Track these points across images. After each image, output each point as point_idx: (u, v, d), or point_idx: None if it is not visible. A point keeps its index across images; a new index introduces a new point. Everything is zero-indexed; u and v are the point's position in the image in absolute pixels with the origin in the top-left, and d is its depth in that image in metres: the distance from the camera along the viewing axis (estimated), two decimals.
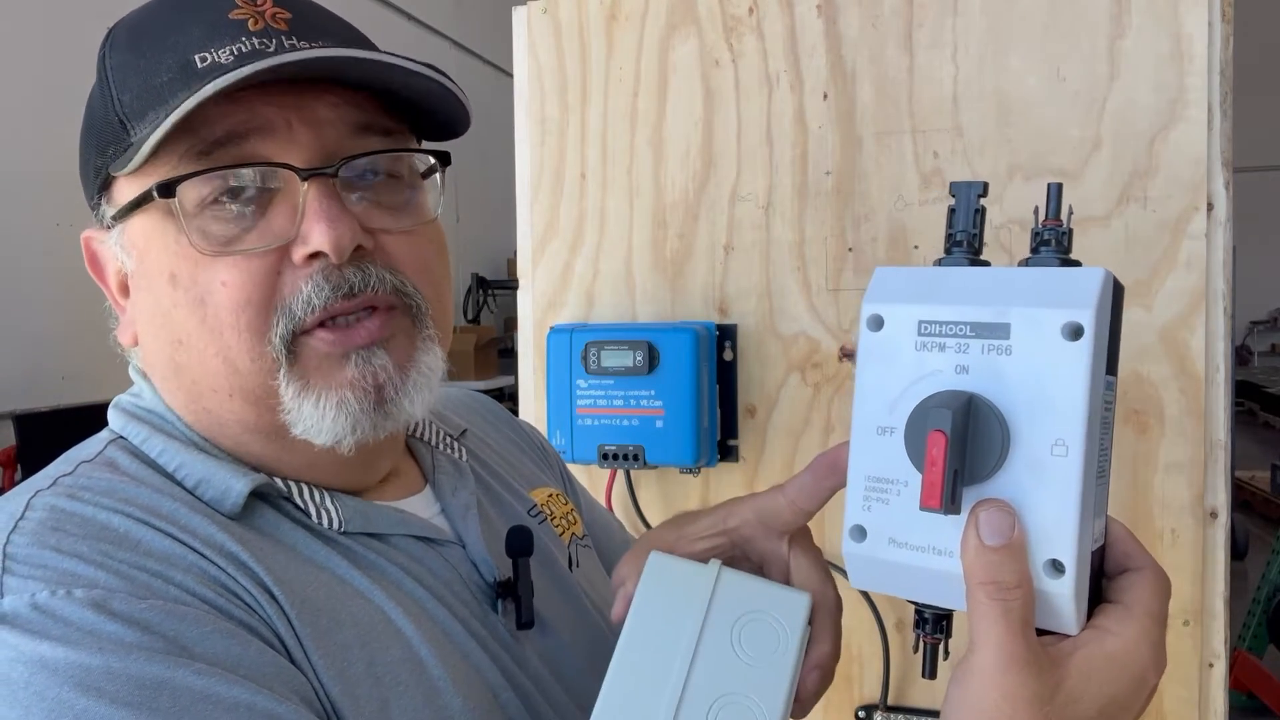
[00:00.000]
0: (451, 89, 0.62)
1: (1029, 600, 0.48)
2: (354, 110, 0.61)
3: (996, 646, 0.47)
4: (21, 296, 3.31)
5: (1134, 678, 0.49)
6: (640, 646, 0.55)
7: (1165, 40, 1.00)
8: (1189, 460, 1.00)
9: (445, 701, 0.58)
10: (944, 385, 0.51)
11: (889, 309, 0.53)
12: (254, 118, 0.58)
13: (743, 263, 1.17)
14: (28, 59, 3.35)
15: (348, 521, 0.63)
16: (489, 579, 0.67)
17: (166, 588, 0.52)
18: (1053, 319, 0.48)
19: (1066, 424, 0.48)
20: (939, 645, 0.55)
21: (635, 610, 0.56)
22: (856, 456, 0.54)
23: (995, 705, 0.47)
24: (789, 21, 1.14)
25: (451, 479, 0.73)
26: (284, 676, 0.53)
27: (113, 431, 0.64)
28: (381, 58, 0.58)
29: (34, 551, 0.52)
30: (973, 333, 0.50)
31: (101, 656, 0.48)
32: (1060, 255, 0.52)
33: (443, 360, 0.65)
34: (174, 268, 0.59)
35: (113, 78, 0.60)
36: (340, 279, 0.59)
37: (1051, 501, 0.48)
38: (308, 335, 0.59)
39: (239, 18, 0.59)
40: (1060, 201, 0.53)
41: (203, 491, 0.60)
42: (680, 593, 0.57)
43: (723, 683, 0.54)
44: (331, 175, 0.59)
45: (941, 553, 0.51)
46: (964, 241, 0.54)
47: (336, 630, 0.57)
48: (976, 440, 0.49)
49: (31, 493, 0.56)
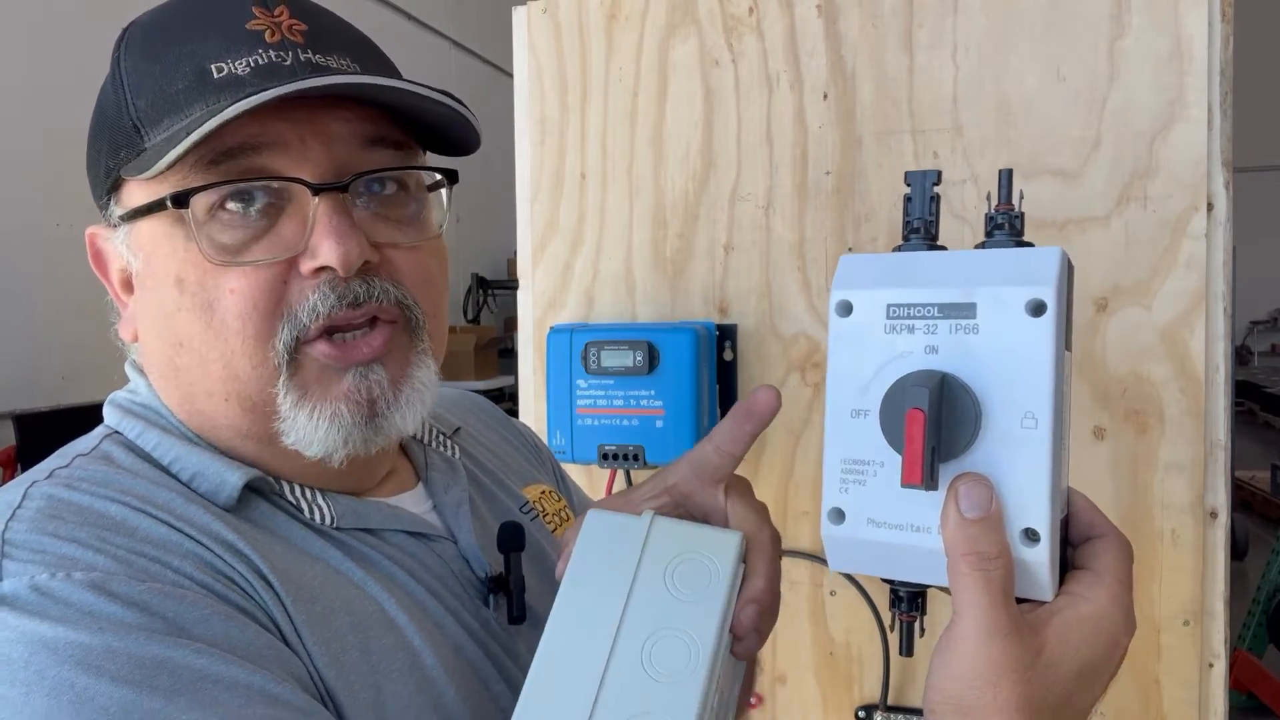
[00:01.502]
0: (466, 116, 0.63)
1: (1009, 569, 0.50)
2: (366, 124, 0.62)
3: (979, 616, 0.49)
4: (21, 296, 3.31)
5: (1107, 640, 0.51)
6: (578, 595, 0.56)
7: (1165, 40, 1.00)
8: (1189, 460, 1.00)
9: (439, 691, 0.59)
10: (915, 366, 0.52)
11: (857, 294, 0.55)
12: (267, 132, 0.58)
13: (743, 263, 1.17)
14: (28, 59, 3.35)
15: (340, 517, 0.64)
16: (481, 574, 0.68)
17: (164, 572, 0.53)
18: (1017, 296, 0.50)
19: (1035, 397, 0.50)
20: (915, 623, 0.57)
21: (573, 563, 0.57)
22: (831, 440, 0.55)
23: (980, 672, 0.49)
24: (789, 21, 1.14)
25: (444, 476, 0.74)
26: (280, 659, 0.53)
27: (108, 427, 0.65)
28: (401, 85, 0.59)
29: (32, 537, 0.52)
30: (940, 313, 0.52)
31: (101, 636, 0.48)
32: (1014, 238, 0.55)
33: (436, 373, 0.66)
34: (181, 272, 0.59)
35: (127, 80, 0.61)
36: (345, 289, 0.60)
37: (1024, 472, 0.50)
38: (309, 346, 0.60)
39: (256, 28, 0.59)
40: (1011, 187, 0.55)
41: (198, 484, 0.60)
42: (615, 543, 0.58)
43: (657, 619, 0.55)
44: (342, 190, 0.60)
45: (920, 529, 0.53)
46: (921, 228, 0.57)
47: (331, 618, 0.57)
48: (950, 417, 0.51)
49: (28, 483, 0.57)
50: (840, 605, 1.15)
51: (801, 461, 1.16)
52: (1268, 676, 3.33)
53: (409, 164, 0.65)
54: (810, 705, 1.17)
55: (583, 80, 1.24)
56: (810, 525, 1.16)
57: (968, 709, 0.49)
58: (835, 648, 1.15)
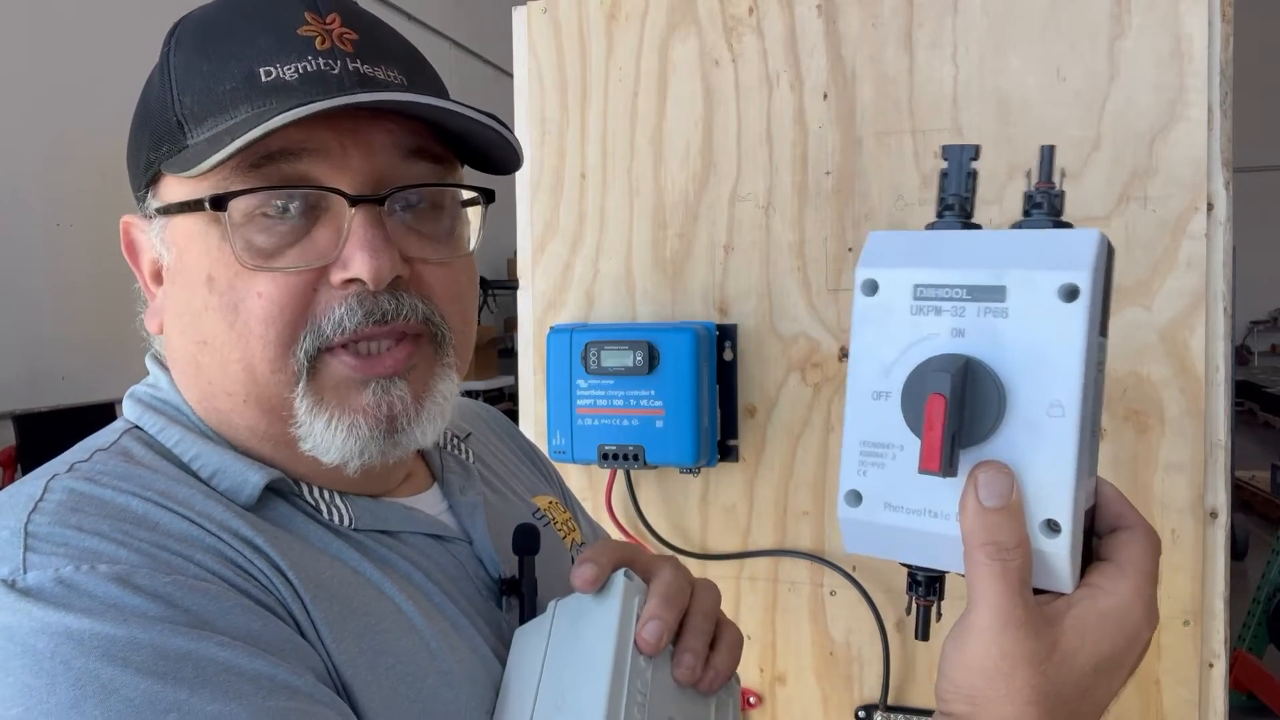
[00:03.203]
0: (509, 139, 0.63)
1: (1027, 560, 0.49)
2: (408, 136, 0.62)
3: (994, 606, 0.49)
4: (21, 296, 3.30)
5: (1128, 634, 0.51)
6: (514, 672, 0.61)
7: (1165, 40, 1.00)
8: (1189, 460, 1.00)
9: (454, 694, 0.59)
10: (940, 349, 0.51)
11: (884, 273, 0.53)
12: (310, 139, 0.58)
13: (743, 263, 1.17)
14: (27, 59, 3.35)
15: (358, 519, 0.64)
16: (495, 575, 0.69)
17: (187, 565, 0.53)
18: (1049, 281, 0.49)
19: (1063, 385, 0.48)
20: (931, 608, 0.56)
21: (504, 681, 0.62)
22: (851, 421, 0.54)
23: (994, 663, 0.48)
24: (789, 21, 1.14)
25: (459, 478, 0.74)
26: (300, 653, 0.54)
27: (128, 421, 0.65)
28: (448, 105, 0.59)
29: (56, 530, 0.52)
30: (969, 296, 0.51)
31: (126, 628, 0.48)
32: (1053, 217, 0.53)
33: (458, 386, 0.66)
34: (212, 271, 0.59)
35: (175, 75, 0.61)
36: (374, 305, 0.59)
37: (1048, 462, 0.49)
38: (331, 355, 0.60)
39: (307, 34, 0.59)
40: (1052, 164, 0.53)
41: (218, 482, 0.60)
42: (529, 640, 0.63)
43: (565, 664, 0.59)
44: (379, 203, 0.60)
45: (938, 515, 0.52)
46: (955, 205, 0.54)
47: (349, 617, 0.57)
48: (973, 403, 0.50)
49: (49, 476, 0.57)
50: (840, 605, 1.15)
51: (801, 461, 1.16)
52: (1268, 676, 3.33)
53: (447, 178, 0.65)
54: (810, 705, 1.17)
55: (583, 80, 1.24)
56: (810, 525, 1.16)
57: (979, 700, 0.49)
58: (835, 648, 1.15)
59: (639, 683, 0.58)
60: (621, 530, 1.22)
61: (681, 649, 0.63)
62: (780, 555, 1.17)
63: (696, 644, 0.63)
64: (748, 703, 1.19)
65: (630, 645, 0.59)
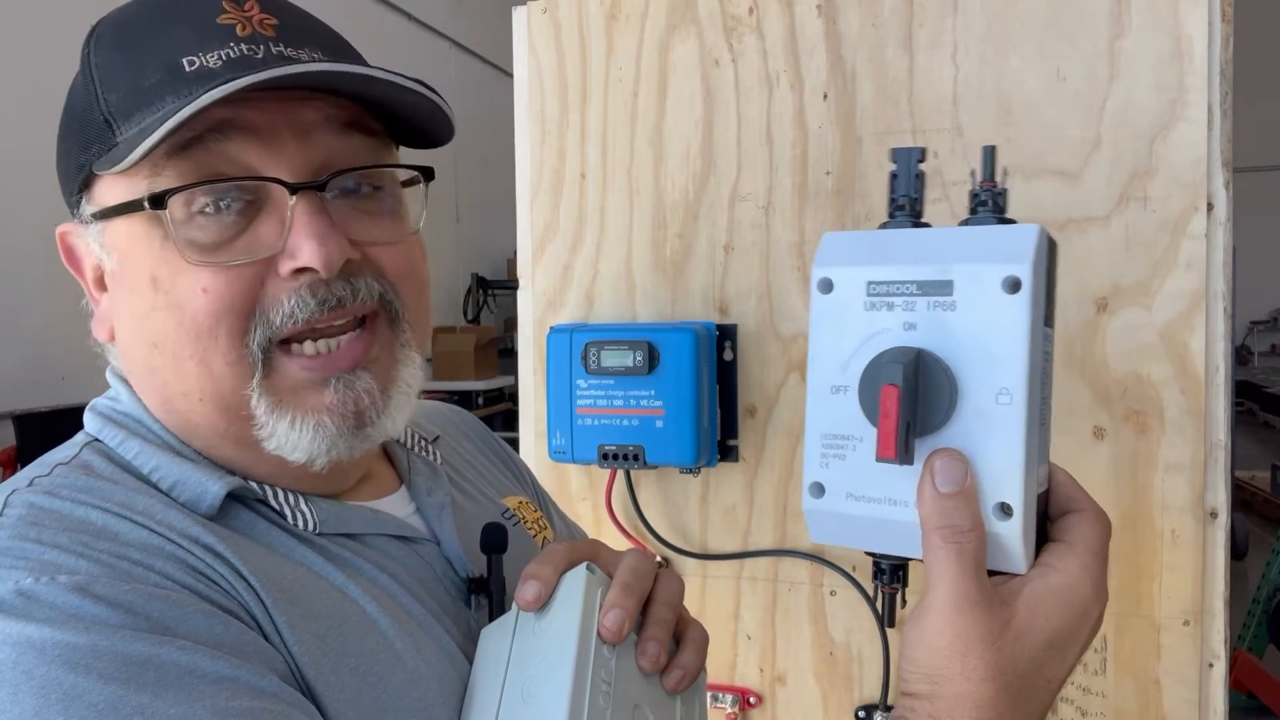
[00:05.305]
0: (439, 103, 0.63)
1: (981, 542, 0.51)
2: (338, 110, 0.61)
3: (950, 587, 0.51)
4: (21, 296, 3.31)
5: (1077, 610, 0.52)
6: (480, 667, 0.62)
7: (1165, 40, 1.00)
8: (1189, 460, 1.00)
9: (420, 693, 0.59)
10: (893, 342, 0.53)
11: (838, 272, 0.56)
12: (239, 118, 0.58)
13: (743, 263, 1.17)
14: (27, 59, 3.35)
15: (323, 523, 0.64)
16: (463, 574, 0.69)
17: (147, 574, 0.53)
18: (993, 274, 0.51)
19: (1010, 373, 0.51)
20: (896, 595, 0.58)
21: (471, 678, 0.62)
22: (813, 415, 0.56)
23: (949, 642, 0.50)
24: (789, 21, 1.14)
25: (426, 479, 0.74)
26: (264, 655, 0.54)
27: (88, 434, 0.65)
28: (372, 72, 0.59)
29: (15, 544, 0.52)
30: (919, 291, 0.53)
31: (87, 636, 0.48)
32: (996, 215, 0.55)
33: (421, 369, 0.66)
34: (155, 271, 0.59)
35: (98, 75, 0.60)
36: (328, 293, 0.59)
37: (999, 448, 0.51)
38: (286, 356, 0.60)
39: (227, 22, 0.59)
40: (994, 164, 0.56)
41: (179, 493, 0.60)
42: (495, 637, 0.63)
43: (530, 657, 0.60)
44: (319, 189, 0.59)
45: (897, 503, 0.54)
46: (905, 205, 0.58)
47: (312, 620, 0.57)
48: (926, 393, 0.52)
49: (9, 491, 0.57)
50: (840, 605, 1.15)
51: (801, 461, 1.15)
52: (1268, 676, 3.33)
53: (384, 157, 0.65)
54: (810, 705, 1.17)
55: (583, 80, 1.24)
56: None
57: (938, 678, 0.51)
58: (835, 648, 1.15)
59: (603, 672, 0.59)
60: (621, 530, 1.22)
61: (645, 638, 0.63)
62: (780, 555, 1.17)
63: (659, 632, 0.64)
64: (747, 702, 1.19)
65: (594, 635, 0.60)
